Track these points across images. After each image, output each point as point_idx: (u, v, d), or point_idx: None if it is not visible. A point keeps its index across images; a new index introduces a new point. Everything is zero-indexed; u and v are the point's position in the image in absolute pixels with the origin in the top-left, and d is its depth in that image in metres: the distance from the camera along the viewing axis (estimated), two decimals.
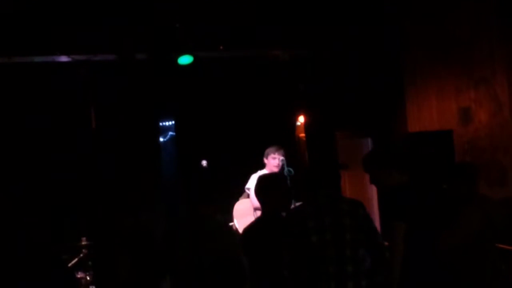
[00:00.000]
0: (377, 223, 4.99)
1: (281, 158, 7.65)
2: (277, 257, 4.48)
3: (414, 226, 4.69)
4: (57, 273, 4.35)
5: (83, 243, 7.59)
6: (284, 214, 4.81)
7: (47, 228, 4.74)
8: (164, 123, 10.40)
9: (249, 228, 5.00)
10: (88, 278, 7.28)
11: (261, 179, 5.04)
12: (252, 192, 7.57)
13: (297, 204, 7.42)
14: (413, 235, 4.67)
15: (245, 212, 7.45)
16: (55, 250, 4.91)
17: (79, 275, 7.32)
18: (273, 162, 7.66)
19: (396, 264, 4.61)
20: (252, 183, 7.59)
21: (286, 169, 7.53)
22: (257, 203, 7.47)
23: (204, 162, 7.55)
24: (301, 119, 10.12)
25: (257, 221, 5.02)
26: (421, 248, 4.73)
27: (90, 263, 7.48)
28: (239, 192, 7.94)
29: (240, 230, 7.28)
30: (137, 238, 5.15)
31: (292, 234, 4.41)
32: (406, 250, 4.63)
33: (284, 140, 8.50)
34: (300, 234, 4.38)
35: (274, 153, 7.70)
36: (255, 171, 7.71)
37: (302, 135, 10.14)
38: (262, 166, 7.76)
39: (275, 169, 7.60)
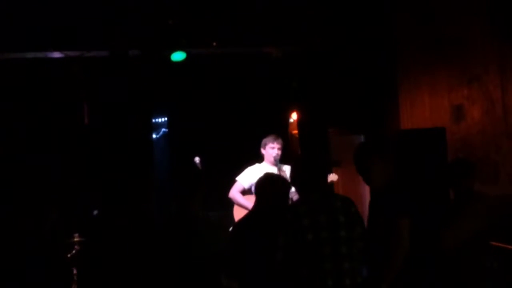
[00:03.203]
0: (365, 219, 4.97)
1: (279, 146, 7.51)
2: (267, 253, 4.48)
3: (414, 224, 4.69)
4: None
5: (75, 239, 7.59)
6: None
7: (41, 223, 4.75)
8: (157, 120, 10.40)
9: (239, 223, 5.01)
10: None
11: (262, 179, 5.04)
12: (239, 185, 7.54)
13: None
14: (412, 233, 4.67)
15: (244, 211, 7.38)
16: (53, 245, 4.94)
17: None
18: (271, 152, 7.45)
19: (398, 261, 4.59)
20: (243, 176, 7.55)
21: (278, 165, 7.48)
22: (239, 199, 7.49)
23: (197, 159, 7.50)
24: (294, 116, 10.12)
25: (247, 216, 5.03)
26: (420, 246, 4.72)
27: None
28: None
29: None
30: (129, 233, 5.15)
31: (287, 233, 4.40)
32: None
33: None
34: (296, 233, 4.37)
35: (273, 143, 7.47)
36: (249, 166, 7.66)
37: (295, 132, 10.13)
38: (255, 161, 7.70)
39: (273, 160, 7.48)
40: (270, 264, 4.46)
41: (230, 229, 6.17)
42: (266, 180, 5.03)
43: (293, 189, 7.52)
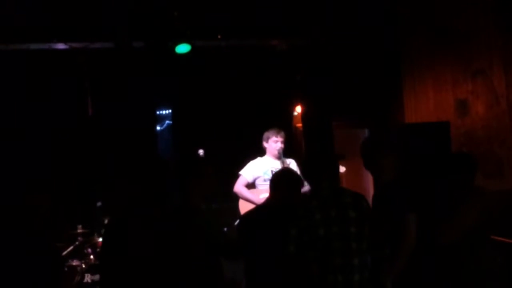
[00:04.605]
0: None
1: (282, 140, 7.49)
2: (277, 246, 4.49)
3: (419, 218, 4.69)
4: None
5: (79, 231, 7.61)
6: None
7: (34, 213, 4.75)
8: (161, 112, 10.39)
9: (247, 215, 5.02)
10: (83, 266, 7.29)
11: (279, 173, 5.10)
12: (243, 179, 7.52)
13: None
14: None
15: (250, 205, 7.36)
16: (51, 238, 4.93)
17: (75, 262, 7.33)
18: (274, 145, 7.43)
19: (404, 256, 4.59)
20: (247, 169, 7.54)
21: (282, 158, 7.46)
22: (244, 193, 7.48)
23: (201, 151, 7.49)
24: (298, 109, 10.11)
25: (257, 209, 5.04)
26: (422, 241, 4.72)
27: (85, 251, 7.51)
28: (235, 182, 7.87)
29: None
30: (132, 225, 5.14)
31: (299, 227, 4.40)
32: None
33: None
34: (308, 227, 4.37)
35: (276, 136, 7.45)
36: (253, 159, 7.65)
37: (299, 125, 10.12)
38: (259, 153, 7.68)
39: (277, 153, 7.45)
40: (280, 257, 4.47)
41: (236, 222, 6.20)
42: (283, 174, 5.04)
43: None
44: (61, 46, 8.50)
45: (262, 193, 7.23)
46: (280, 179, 4.98)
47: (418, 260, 4.67)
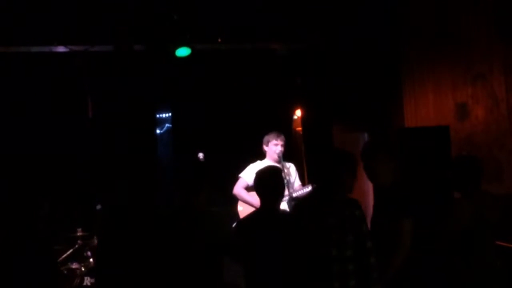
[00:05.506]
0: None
1: (282, 143, 7.49)
2: (273, 250, 4.50)
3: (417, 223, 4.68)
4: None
5: (78, 234, 7.61)
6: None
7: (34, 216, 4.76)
8: (161, 115, 10.39)
9: (245, 220, 5.02)
10: (82, 269, 7.29)
11: (260, 173, 5.02)
12: (243, 181, 7.52)
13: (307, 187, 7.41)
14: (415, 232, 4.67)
15: (249, 208, 7.36)
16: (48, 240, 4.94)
17: (74, 265, 7.34)
18: (274, 149, 7.45)
19: (398, 260, 4.60)
20: (247, 172, 7.54)
21: (282, 162, 7.46)
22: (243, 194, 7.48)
23: (200, 155, 7.49)
24: (298, 113, 10.12)
25: (254, 214, 5.03)
26: (419, 245, 4.72)
27: (85, 254, 7.51)
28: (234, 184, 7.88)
29: None
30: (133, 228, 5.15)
31: (290, 231, 4.42)
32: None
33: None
34: (295, 232, 4.39)
35: (276, 139, 7.47)
36: (252, 163, 7.65)
37: (299, 128, 10.13)
38: (258, 157, 7.69)
39: (277, 157, 7.45)
40: (277, 259, 4.48)
41: (234, 225, 6.21)
42: (263, 175, 5.00)
43: (297, 184, 7.57)
44: (61, 49, 8.50)
45: None
46: (263, 177, 4.94)
47: (418, 264, 4.68)
